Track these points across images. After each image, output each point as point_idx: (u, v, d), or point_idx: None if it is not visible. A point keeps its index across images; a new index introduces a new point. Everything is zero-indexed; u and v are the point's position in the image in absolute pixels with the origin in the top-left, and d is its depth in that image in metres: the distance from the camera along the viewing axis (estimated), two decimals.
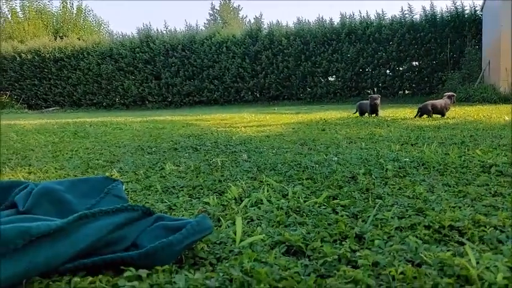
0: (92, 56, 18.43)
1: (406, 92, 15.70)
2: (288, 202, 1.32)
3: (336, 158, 2.07)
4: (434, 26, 14.69)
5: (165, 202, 1.38)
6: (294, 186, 1.54)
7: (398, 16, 15.22)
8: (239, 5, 42.07)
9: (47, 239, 0.76)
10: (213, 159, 2.25)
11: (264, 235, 0.99)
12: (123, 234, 0.86)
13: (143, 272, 0.77)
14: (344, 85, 15.93)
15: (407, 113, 6.57)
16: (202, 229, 0.88)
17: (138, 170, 1.99)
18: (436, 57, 14.78)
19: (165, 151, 2.83)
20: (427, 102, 5.65)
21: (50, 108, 18.50)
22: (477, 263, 0.79)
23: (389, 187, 1.54)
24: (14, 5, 28.00)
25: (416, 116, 5.50)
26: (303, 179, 1.71)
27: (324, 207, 1.29)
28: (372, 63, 15.34)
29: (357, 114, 6.15)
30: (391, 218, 1.13)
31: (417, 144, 2.84)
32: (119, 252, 0.83)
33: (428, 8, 14.88)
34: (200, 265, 0.85)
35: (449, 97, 5.53)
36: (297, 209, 1.25)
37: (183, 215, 1.23)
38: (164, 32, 18.36)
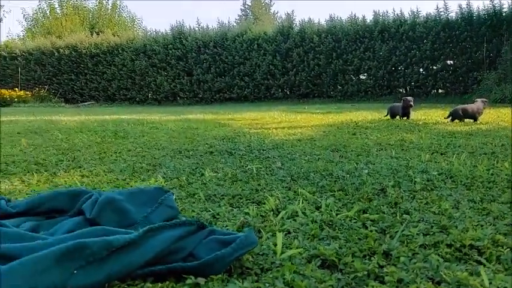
0: (126, 52, 18.92)
1: (440, 91, 15.46)
2: (322, 215, 1.44)
3: (366, 170, 2.17)
4: (470, 24, 14.39)
5: (209, 211, 1.53)
6: (326, 198, 1.66)
7: (433, 14, 14.98)
8: (271, 1, 42.01)
9: (123, 249, 0.91)
10: (248, 166, 2.38)
11: (301, 249, 1.12)
12: (183, 245, 1.01)
13: (201, 280, 0.92)
14: (376, 83, 15.82)
15: (439, 115, 6.54)
16: (249, 243, 1.01)
17: (180, 175, 2.15)
18: (472, 57, 14.48)
19: (202, 155, 3.00)
20: (457, 107, 5.63)
21: (86, 103, 19.10)
22: (490, 283, 0.90)
23: (416, 201, 1.64)
24: (52, 2, 28.81)
25: (447, 118, 5.51)
26: (334, 190, 1.83)
27: (354, 221, 1.41)
28: (405, 61, 15.18)
29: (388, 116, 6.18)
30: (417, 234, 1.24)
31: (447, 154, 2.90)
32: (178, 261, 0.98)
33: (464, 6, 14.58)
34: (247, 275, 0.99)
35: (482, 102, 5.50)
36: (330, 223, 1.38)
37: (226, 226, 1.37)
38: (196, 28, 18.65)
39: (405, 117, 5.93)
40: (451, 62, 15.02)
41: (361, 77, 16.35)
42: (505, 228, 1.29)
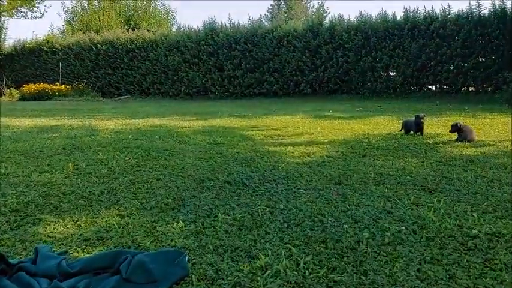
0: (160, 47, 19.60)
1: (470, 89, 15.37)
2: (298, 274, 1.89)
3: (346, 225, 2.58)
4: (503, 22, 14.18)
5: (213, 266, 2.01)
6: (307, 255, 2.10)
7: (465, 11, 14.84)
8: None
9: None
10: (256, 207, 2.85)
11: None
12: None
13: None
14: (405, 81, 15.89)
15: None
16: None
17: (198, 219, 2.64)
18: (504, 55, 14.29)
19: (221, 186, 3.48)
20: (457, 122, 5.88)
21: (122, 97, 19.96)
22: None
23: (379, 260, 2.06)
24: None
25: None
26: (318, 242, 2.27)
27: (322, 281, 1.85)
28: (435, 59, 15.15)
29: (403, 131, 6.47)
30: None
31: (436, 191, 3.27)
32: None
33: (498, 2, 14.36)
34: None
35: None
36: (301, 284, 1.83)
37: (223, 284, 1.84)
38: (228, 25, 19.07)
39: (419, 133, 6.21)
40: (483, 59, 14.87)
41: (391, 74, 16.42)
42: None
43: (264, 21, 24.79)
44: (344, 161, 4.52)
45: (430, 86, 15.90)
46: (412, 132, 6.33)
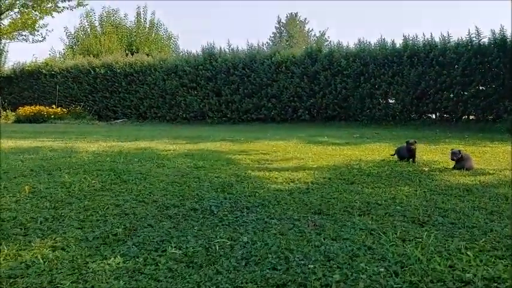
0: (158, 71, 19.48)
1: (471, 117, 15.04)
2: None
3: (317, 260, 2.18)
4: (503, 50, 13.96)
5: None
6: None
7: (464, 39, 14.64)
8: (305, 19, 42.18)
9: None
10: (216, 240, 2.45)
11: None
12: None
13: None
14: (404, 108, 15.58)
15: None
16: None
17: (142, 254, 2.24)
18: (505, 84, 14.02)
19: (185, 213, 3.09)
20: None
21: (119, 120, 19.73)
22: None
23: None
24: (93, 20, 30.05)
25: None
26: (276, 285, 1.87)
27: None
28: (434, 86, 14.87)
29: (396, 157, 6.11)
30: None
31: (426, 224, 2.87)
32: None
33: (497, 31, 14.18)
34: None
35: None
36: None
37: None
38: (227, 50, 18.98)
39: (412, 160, 5.85)
40: (483, 88, 14.59)
41: (390, 101, 16.14)
42: None
43: (265, 48, 24.72)
44: (330, 188, 4.13)
45: (429, 115, 15.57)
46: (406, 159, 5.95)
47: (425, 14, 60.34)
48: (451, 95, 14.69)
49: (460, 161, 5.26)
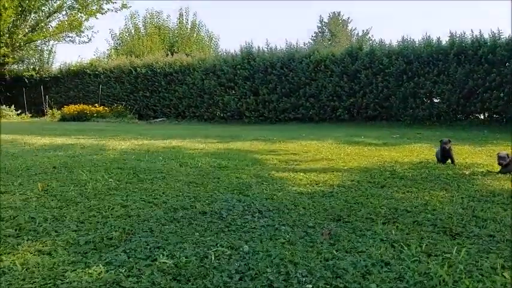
0: (197, 71, 19.55)
1: None
2: None
3: (322, 277, 1.90)
4: None
5: None
6: None
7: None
8: (348, 18, 41.30)
9: None
10: (214, 249, 2.22)
11: None
12: None
13: None
14: (449, 108, 14.76)
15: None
16: None
17: (129, 262, 2.04)
18: None
19: (192, 217, 2.88)
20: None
21: (158, 119, 19.96)
22: None
23: None
24: (137, 22, 30.68)
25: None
26: None
27: None
28: (483, 85, 13.99)
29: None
30: None
31: (460, 236, 2.51)
32: None
33: None
34: None
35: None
36: None
37: None
38: (265, 49, 18.76)
39: (450, 161, 5.42)
40: None
41: (434, 100, 15.36)
42: None
43: (305, 47, 24.21)
44: (356, 192, 3.81)
45: (477, 115, 14.69)
46: (449, 161, 5.51)
47: (474, 12, 57.66)
48: (501, 94, 13.77)
49: (507, 166, 4.77)
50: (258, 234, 2.52)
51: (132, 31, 31.07)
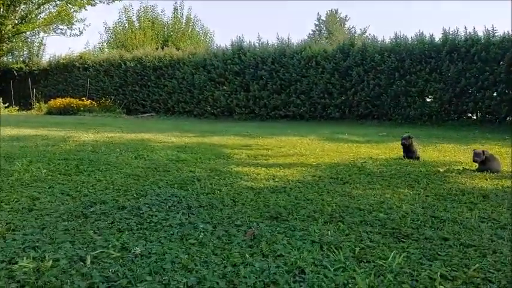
0: (187, 66, 19.14)
1: None
2: None
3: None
4: None
5: None
6: None
7: (511, 33, 13.31)
8: (346, 16, 40.89)
9: None
10: (100, 250, 1.83)
11: None
12: None
13: None
14: (441, 107, 14.39)
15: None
16: None
17: None
18: None
19: (105, 213, 2.50)
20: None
21: (146, 114, 19.56)
22: None
23: None
24: (131, 15, 30.24)
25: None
26: None
27: None
28: (476, 84, 13.61)
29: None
30: None
31: (408, 239, 2.13)
32: None
33: None
34: None
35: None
36: None
37: None
38: (257, 44, 18.37)
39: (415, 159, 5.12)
40: None
41: (426, 99, 14.97)
42: None
43: (306, 38, 23.76)
44: (312, 188, 3.43)
45: (470, 114, 14.31)
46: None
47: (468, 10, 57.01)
48: (494, 94, 13.38)
49: (484, 163, 4.39)
50: (170, 233, 2.14)
51: (126, 25, 30.64)
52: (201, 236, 2.09)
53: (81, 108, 19.45)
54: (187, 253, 1.84)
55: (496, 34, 13.57)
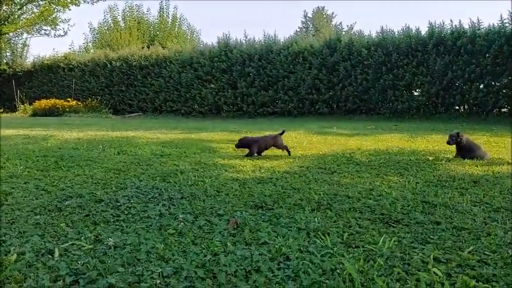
0: (173, 64, 18.92)
1: (503, 110, 13.72)
2: None
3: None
4: None
5: None
6: None
7: (496, 26, 13.34)
8: (332, 13, 40.93)
9: None
10: (70, 242, 1.71)
11: None
12: None
13: None
14: (429, 101, 14.38)
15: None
16: None
17: None
18: None
19: (81, 206, 2.37)
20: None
21: (133, 114, 19.31)
22: None
23: None
24: (116, 15, 29.88)
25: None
26: None
27: None
28: (463, 77, 13.61)
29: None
30: None
31: (398, 224, 2.03)
32: None
33: None
34: None
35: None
36: None
37: None
38: (243, 41, 18.21)
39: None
40: None
41: (414, 93, 14.96)
42: None
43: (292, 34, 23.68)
44: (299, 177, 3.33)
45: (457, 107, 14.32)
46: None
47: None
48: (481, 86, 13.40)
49: (462, 148, 4.35)
50: (148, 225, 2.02)
51: (111, 24, 30.27)
52: (180, 225, 1.97)
53: (67, 109, 19.15)
54: (164, 243, 1.73)
55: (481, 26, 13.58)
